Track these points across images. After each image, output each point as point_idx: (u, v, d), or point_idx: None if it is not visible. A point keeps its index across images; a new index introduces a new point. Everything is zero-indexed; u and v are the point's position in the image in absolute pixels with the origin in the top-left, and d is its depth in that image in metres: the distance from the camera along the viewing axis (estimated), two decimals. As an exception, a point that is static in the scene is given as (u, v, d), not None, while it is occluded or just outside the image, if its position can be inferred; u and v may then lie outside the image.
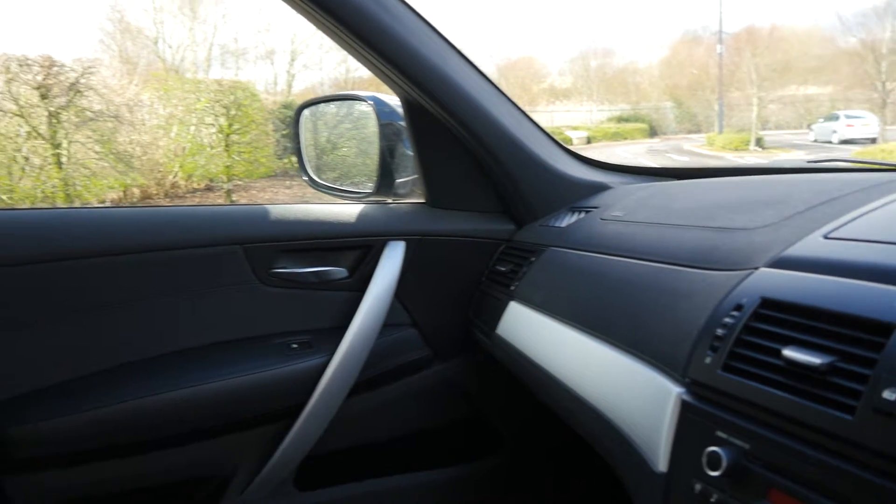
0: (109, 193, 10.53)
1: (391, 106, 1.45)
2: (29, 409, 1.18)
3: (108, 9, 14.68)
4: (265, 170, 12.37)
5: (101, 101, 10.25)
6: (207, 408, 1.26)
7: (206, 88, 11.78)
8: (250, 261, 1.32)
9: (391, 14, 1.24)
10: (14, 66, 9.31)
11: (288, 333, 1.37)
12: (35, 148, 9.35)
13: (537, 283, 1.19)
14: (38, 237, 1.21)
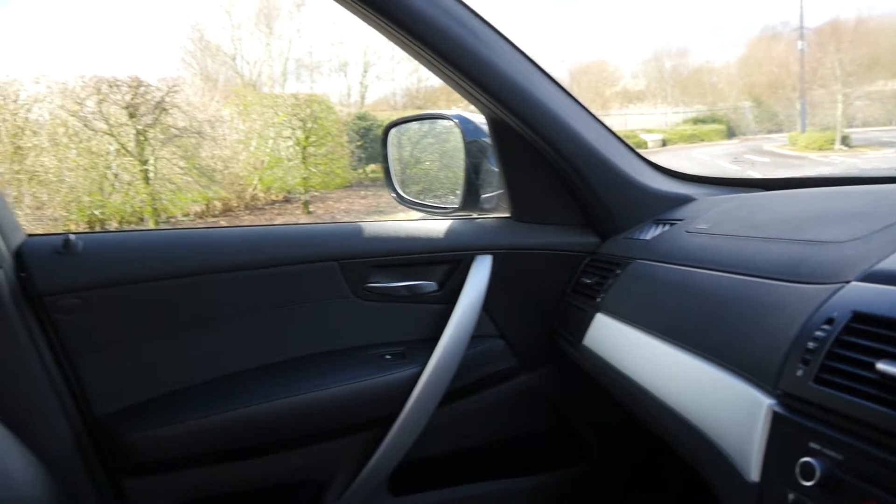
0: (193, 207, 10.90)
1: (475, 123, 1.50)
2: (148, 415, 1.27)
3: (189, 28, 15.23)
4: (341, 180, 12.61)
5: (184, 119, 10.59)
6: (309, 415, 1.33)
7: (284, 103, 12.08)
8: (346, 276, 1.39)
9: (476, 36, 1.29)
10: (104, 88, 9.71)
11: (382, 345, 1.43)
12: (124, 164, 9.74)
13: (623, 296, 1.21)
14: (165, 257, 1.30)
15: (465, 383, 1.45)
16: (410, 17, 1.23)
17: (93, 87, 9.68)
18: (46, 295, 1.23)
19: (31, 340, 1.22)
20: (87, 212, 9.49)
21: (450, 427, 1.49)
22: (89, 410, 1.28)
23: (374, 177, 14.39)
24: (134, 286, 1.27)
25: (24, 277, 1.22)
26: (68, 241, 1.24)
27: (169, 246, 1.33)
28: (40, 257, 1.24)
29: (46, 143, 9.35)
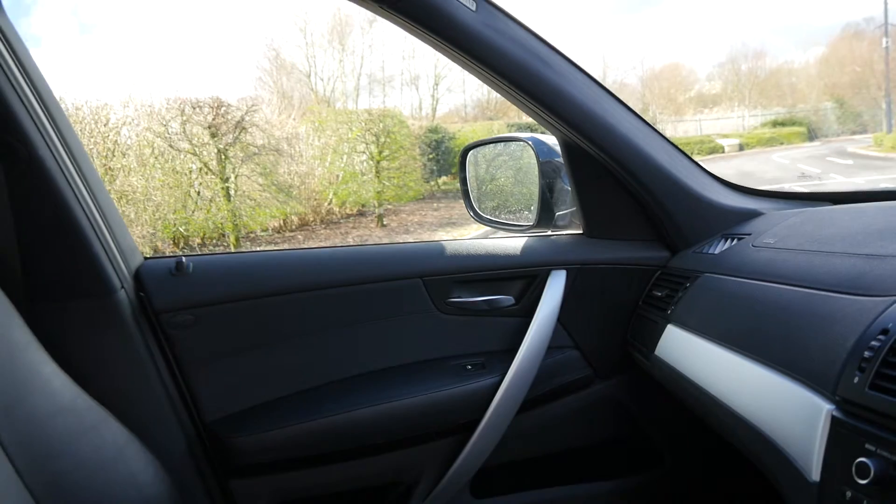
0: (271, 222, 11.23)
1: (549, 145, 1.57)
2: (253, 421, 1.40)
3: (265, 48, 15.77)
4: (413, 193, 12.80)
5: (263, 137, 10.89)
6: (398, 421, 1.43)
7: (358, 118, 12.34)
8: (430, 292, 1.49)
9: (548, 65, 1.37)
10: (188, 109, 10.09)
11: (463, 356, 1.52)
12: (206, 182, 10.09)
13: (693, 308, 1.27)
14: (267, 276, 1.43)
15: (543, 392, 1.52)
16: (486, 50, 1.33)
17: (177, 109, 10.07)
18: (162, 312, 1.37)
19: (149, 354, 1.36)
20: (172, 228, 9.87)
21: (529, 433, 1.56)
22: (200, 417, 1.41)
23: (446, 188, 14.56)
24: (240, 303, 1.40)
25: (142, 297, 1.36)
26: (181, 262, 1.38)
27: (270, 266, 1.45)
28: (156, 278, 1.38)
29: (134, 164, 9.75)
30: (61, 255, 1.32)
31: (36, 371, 1.13)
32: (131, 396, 1.34)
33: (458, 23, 1.31)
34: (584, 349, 1.56)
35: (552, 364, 1.52)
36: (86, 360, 1.30)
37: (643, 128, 1.45)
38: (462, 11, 1.32)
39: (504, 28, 1.35)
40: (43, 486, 1.08)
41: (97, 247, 1.33)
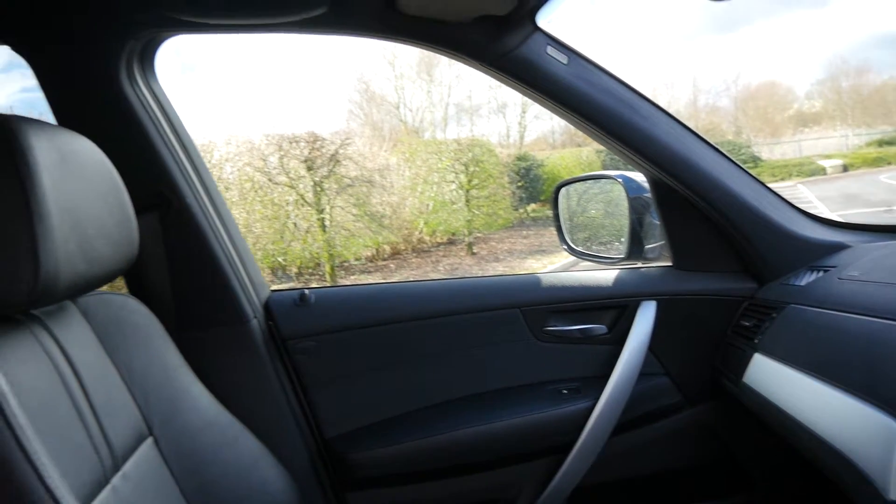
0: (365, 251, 11.52)
1: (637, 182, 1.67)
2: (369, 438, 1.54)
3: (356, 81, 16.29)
4: (503, 221, 12.87)
5: (356, 168, 11.19)
6: (498, 441, 1.55)
7: (447, 148, 12.53)
8: (527, 321, 1.61)
9: (635, 110, 1.48)
10: (285, 144, 10.50)
11: (559, 381, 1.62)
12: (302, 214, 10.45)
13: (779, 337, 1.33)
14: (381, 306, 1.59)
15: (635, 416, 1.61)
16: (577, 100, 1.45)
17: (275, 145, 10.49)
18: (289, 339, 1.54)
19: (277, 376, 1.53)
20: (271, 259, 10.25)
21: (621, 456, 1.64)
22: (321, 433, 1.56)
23: (535, 216, 14.57)
24: (355, 331, 1.56)
25: (271, 325, 1.54)
26: (304, 294, 1.55)
27: (382, 297, 1.61)
28: (283, 309, 1.56)
29: (236, 198, 10.20)
30: (205, 289, 1.51)
31: (186, 390, 1.31)
32: (262, 414, 1.51)
33: (552, 76, 1.44)
34: (674, 376, 1.64)
35: (643, 390, 1.60)
36: (224, 381, 1.48)
37: (727, 164, 1.53)
38: (555, 66, 1.44)
39: (593, 78, 1.46)
40: (194, 492, 1.25)
41: (234, 282, 1.52)
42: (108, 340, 1.24)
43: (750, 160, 19.06)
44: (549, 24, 1.43)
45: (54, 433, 1.00)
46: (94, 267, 1.06)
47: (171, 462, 1.25)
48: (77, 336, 1.17)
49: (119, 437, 1.15)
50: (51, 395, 1.04)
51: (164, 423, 1.26)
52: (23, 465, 0.86)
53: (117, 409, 1.18)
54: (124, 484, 1.12)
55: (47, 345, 1.09)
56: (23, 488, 0.85)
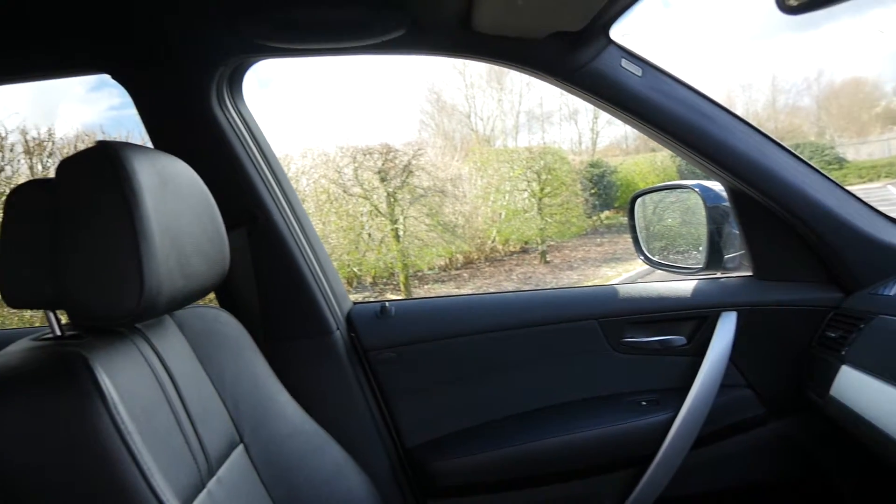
0: (438, 261, 11.60)
1: (715, 191, 1.66)
2: (449, 447, 1.58)
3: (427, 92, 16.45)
4: (576, 229, 12.77)
5: (428, 179, 11.28)
6: (577, 452, 1.56)
7: (518, 157, 12.52)
8: (605, 332, 1.62)
9: (711, 120, 1.47)
10: (359, 156, 10.68)
11: (638, 392, 1.63)
12: (376, 225, 10.60)
13: (868, 348, 1.30)
14: (459, 318, 1.63)
15: (716, 429, 1.59)
16: (652, 111, 1.45)
17: (350, 157, 10.68)
18: (370, 350, 1.59)
19: (359, 386, 1.58)
20: (346, 270, 10.42)
21: (703, 469, 1.63)
22: (401, 442, 1.61)
23: (609, 223, 14.40)
24: (436, 342, 1.60)
25: (353, 337, 1.60)
26: (384, 307, 1.60)
27: (460, 309, 1.64)
28: (364, 320, 1.61)
29: (312, 209, 10.41)
30: (291, 302, 1.57)
31: (274, 398, 1.37)
32: (345, 423, 1.57)
33: (627, 89, 1.45)
34: (756, 388, 1.61)
35: (725, 402, 1.59)
36: (309, 391, 1.54)
37: (808, 171, 1.51)
38: (629, 78, 1.46)
39: (668, 89, 1.47)
40: (282, 497, 1.30)
41: (318, 294, 1.58)
42: (201, 351, 1.31)
43: (834, 162, 18.33)
44: (624, 37, 1.45)
45: (155, 438, 1.06)
46: (190, 282, 1.12)
47: (261, 468, 1.31)
48: (174, 347, 1.24)
49: (213, 443, 1.21)
50: (152, 402, 1.11)
51: (253, 431, 1.32)
52: (130, 467, 0.92)
53: (211, 417, 1.25)
54: (218, 488, 1.18)
55: (148, 356, 1.16)
56: (129, 488, 0.91)
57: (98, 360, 0.98)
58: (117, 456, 0.92)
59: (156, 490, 0.92)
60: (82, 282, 1.00)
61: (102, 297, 0.99)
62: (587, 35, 1.40)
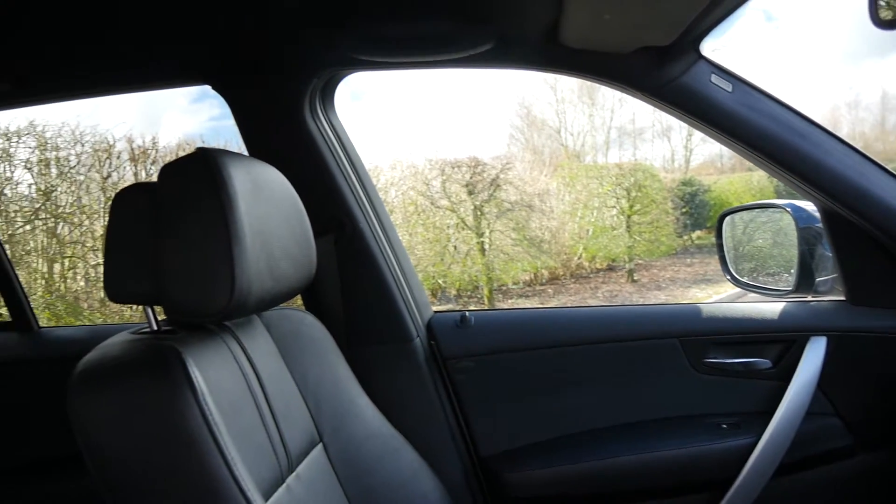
0: (523, 275, 11.55)
1: (808, 211, 1.61)
2: (524, 459, 1.59)
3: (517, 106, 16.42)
4: (665, 248, 12.50)
5: (516, 193, 11.27)
6: (655, 472, 1.54)
7: (608, 173, 12.37)
8: (686, 352, 1.59)
9: (804, 137, 1.44)
10: (448, 169, 10.77)
11: (718, 415, 1.59)
12: (462, 237, 10.66)
13: None
14: (538, 330, 1.64)
15: (800, 458, 1.54)
16: (743, 128, 1.43)
17: (438, 169, 10.79)
18: (449, 359, 1.62)
19: (437, 393, 1.61)
20: (431, 281, 10.51)
21: (783, 499, 1.58)
22: (476, 451, 1.62)
23: (700, 243, 14.02)
24: (515, 353, 1.61)
25: (433, 345, 1.63)
26: (464, 316, 1.63)
27: (540, 322, 1.65)
28: (444, 329, 1.64)
29: (400, 221, 10.55)
30: (374, 308, 1.62)
31: (354, 401, 1.41)
32: (421, 429, 1.59)
33: (716, 105, 1.43)
34: (845, 418, 1.55)
35: (810, 430, 1.54)
36: (387, 395, 1.57)
37: None
38: (719, 94, 1.44)
39: (759, 105, 1.44)
40: (357, 498, 1.34)
41: (400, 302, 1.62)
42: (286, 352, 1.37)
43: (945, 186, 17.31)
44: (714, 52, 1.43)
45: (240, 432, 1.11)
46: (278, 284, 1.17)
47: (338, 468, 1.35)
48: (261, 347, 1.30)
49: (294, 440, 1.26)
50: (238, 397, 1.16)
51: (333, 431, 1.36)
52: (216, 456, 0.97)
53: (293, 416, 1.29)
54: (297, 484, 1.22)
55: (237, 353, 1.21)
56: (214, 476, 0.96)
57: (190, 354, 1.04)
58: (204, 445, 0.97)
59: (239, 480, 0.97)
60: (178, 280, 1.05)
61: (196, 295, 1.05)
62: (676, 50, 1.40)
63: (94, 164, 7.47)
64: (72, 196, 7.46)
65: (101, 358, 1.04)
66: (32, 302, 2.29)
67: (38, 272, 7.25)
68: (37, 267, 7.27)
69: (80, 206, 7.48)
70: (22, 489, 2.02)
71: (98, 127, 7.62)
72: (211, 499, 0.95)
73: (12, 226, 7.10)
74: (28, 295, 2.27)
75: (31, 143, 7.17)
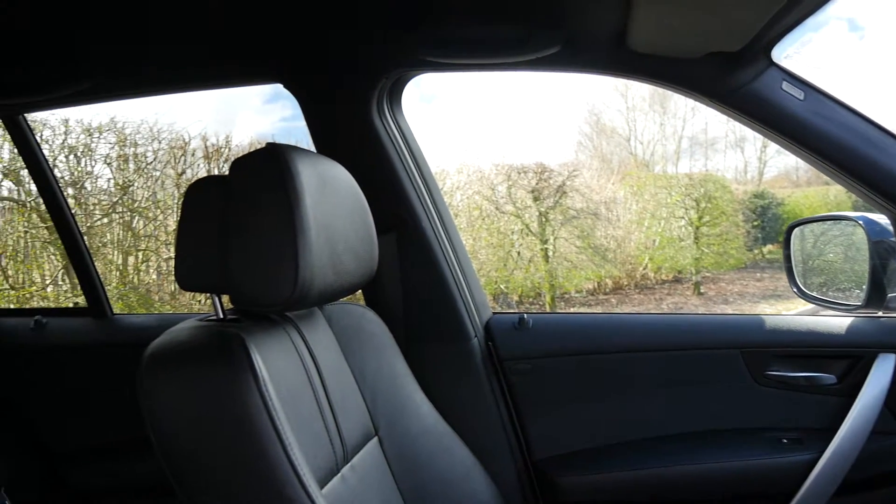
0: (586, 284, 11.44)
1: (881, 224, 1.57)
2: (578, 464, 1.58)
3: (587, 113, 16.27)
4: (734, 261, 12.20)
5: (582, 200, 11.19)
6: (712, 484, 1.52)
7: (677, 183, 12.16)
8: (747, 363, 1.56)
9: (875, 146, 1.40)
10: (514, 174, 10.76)
11: (778, 429, 1.56)
12: (526, 244, 10.63)
13: None
14: (595, 335, 1.64)
15: (864, 477, 1.50)
16: (814, 137, 1.40)
17: (504, 174, 10.79)
18: (506, 360, 1.63)
19: (492, 394, 1.62)
20: (493, 286, 10.50)
21: None
22: (529, 453, 1.63)
23: (771, 258, 13.64)
24: (572, 357, 1.61)
25: (490, 345, 1.64)
26: (522, 319, 1.64)
27: (600, 327, 1.65)
28: (502, 330, 1.65)
29: (464, 224, 10.59)
30: (433, 307, 1.64)
31: (411, 397, 1.44)
32: (475, 428, 1.61)
33: (787, 113, 1.41)
34: None
35: (877, 449, 1.49)
36: (443, 393, 1.59)
37: None
38: (790, 101, 1.41)
39: (832, 114, 1.41)
40: (410, 492, 1.36)
41: (459, 302, 1.64)
42: (346, 345, 1.40)
43: None
44: (786, 59, 1.40)
45: (298, 420, 1.14)
46: (340, 278, 1.20)
47: (392, 462, 1.37)
48: (322, 339, 1.33)
49: (350, 432, 1.29)
50: (298, 386, 1.20)
51: (388, 426, 1.39)
52: (273, 440, 1.00)
53: (350, 408, 1.32)
54: (352, 475, 1.25)
55: (298, 344, 1.25)
56: (272, 460, 0.99)
57: (253, 342, 1.08)
58: (263, 429, 1.00)
59: (295, 465, 1.00)
60: (244, 269, 1.09)
61: (260, 285, 1.09)
62: (746, 55, 1.38)
63: (169, 160, 7.73)
64: (147, 191, 7.72)
65: (169, 342, 1.09)
66: (107, 292, 2.40)
67: (113, 263, 7.52)
68: (112, 259, 7.55)
69: (154, 202, 7.73)
70: (95, 469, 2.11)
71: (174, 125, 7.90)
72: (268, 481, 0.98)
73: (91, 218, 7.39)
74: (104, 284, 2.38)
75: (112, 139, 7.46)
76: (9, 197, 7.12)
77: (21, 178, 6.93)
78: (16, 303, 6.80)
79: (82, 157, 7.39)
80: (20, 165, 6.63)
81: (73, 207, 7.31)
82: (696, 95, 1.48)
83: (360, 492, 1.24)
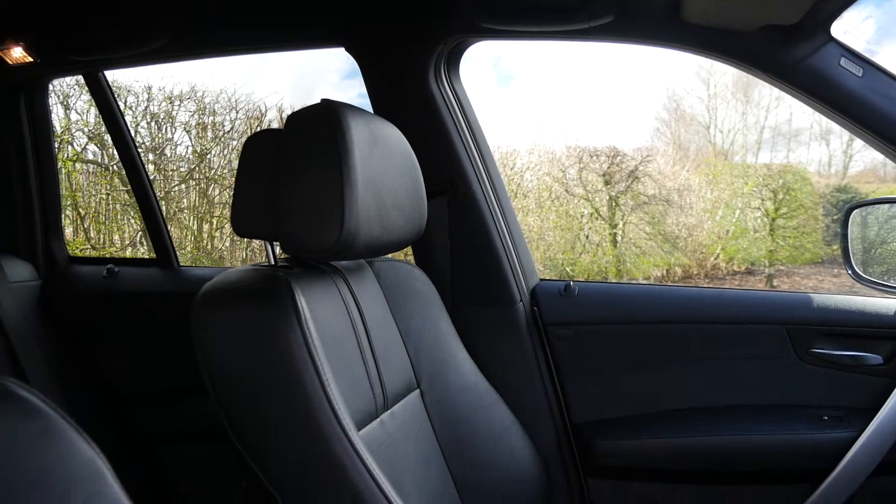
0: (654, 271, 11.28)
1: None
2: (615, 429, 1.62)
3: (666, 99, 15.92)
4: (811, 255, 11.84)
5: (654, 186, 11.02)
6: (750, 456, 1.53)
7: (755, 173, 11.84)
8: (792, 340, 1.56)
9: None
10: (585, 157, 10.67)
11: (820, 407, 1.56)
12: (595, 227, 10.54)
13: None
14: (640, 305, 1.66)
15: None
16: (872, 115, 1.39)
17: (576, 157, 10.70)
18: (549, 325, 1.67)
19: (535, 357, 1.67)
20: (560, 269, 10.47)
21: (880, 499, 1.53)
22: (569, 417, 1.67)
23: (851, 254, 13.16)
24: (614, 326, 1.64)
25: (535, 311, 1.68)
26: (568, 286, 1.67)
27: (645, 297, 1.67)
28: (548, 296, 1.69)
29: (532, 206, 10.57)
30: (480, 269, 1.69)
31: (453, 354, 1.49)
32: (516, 389, 1.65)
33: (845, 89, 1.39)
34: None
35: None
36: (486, 354, 1.64)
37: None
38: (848, 78, 1.39)
39: (891, 92, 1.38)
40: (448, 442, 1.41)
41: (506, 266, 1.68)
42: (392, 300, 1.46)
43: None
44: (845, 35, 1.38)
45: (340, 363, 1.21)
46: (387, 233, 1.26)
47: (432, 413, 1.43)
48: (369, 292, 1.39)
49: (392, 382, 1.35)
50: (341, 332, 1.26)
51: (430, 380, 1.44)
52: (313, 377, 1.07)
53: (393, 359, 1.38)
54: (391, 421, 1.31)
55: (344, 294, 1.31)
56: (311, 394, 1.06)
57: (300, 286, 1.14)
58: (303, 365, 1.07)
59: (332, 401, 1.06)
60: (294, 218, 1.16)
61: (308, 232, 1.15)
62: (804, 29, 1.36)
63: (246, 130, 7.94)
64: (223, 160, 7.96)
65: (220, 282, 1.17)
66: (181, 256, 2.54)
67: (189, 229, 7.80)
68: (188, 224, 7.82)
69: (230, 170, 7.97)
70: (154, 412, 2.24)
71: (252, 95, 8.08)
72: (304, 413, 1.05)
73: (169, 183, 7.67)
74: (176, 248, 2.51)
75: (192, 107, 7.70)
76: (92, 160, 7.44)
77: (105, 141, 7.23)
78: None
79: (163, 124, 7.66)
80: (104, 130, 6.90)
81: (153, 173, 7.60)
82: (752, 69, 1.47)
83: (398, 438, 1.30)
